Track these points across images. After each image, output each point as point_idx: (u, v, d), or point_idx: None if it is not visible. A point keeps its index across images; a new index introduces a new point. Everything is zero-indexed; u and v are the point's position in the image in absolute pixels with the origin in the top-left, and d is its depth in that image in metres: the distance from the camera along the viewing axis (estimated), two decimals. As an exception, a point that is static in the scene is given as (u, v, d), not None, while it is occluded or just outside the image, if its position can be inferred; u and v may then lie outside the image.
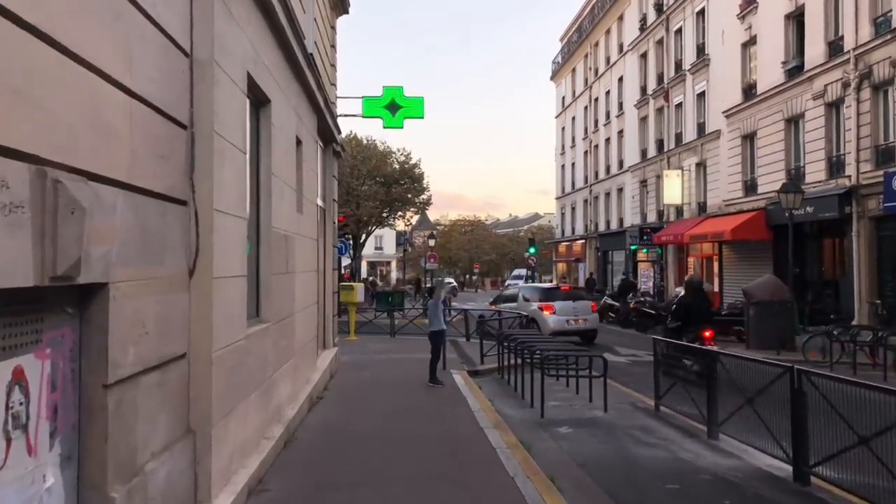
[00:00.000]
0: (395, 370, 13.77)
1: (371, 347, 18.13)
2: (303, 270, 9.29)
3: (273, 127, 7.14)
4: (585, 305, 19.37)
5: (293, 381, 8.44)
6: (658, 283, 32.43)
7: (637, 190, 35.67)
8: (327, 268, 13.40)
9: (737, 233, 22.60)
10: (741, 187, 24.95)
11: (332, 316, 14.63)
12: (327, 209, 13.45)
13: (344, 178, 38.31)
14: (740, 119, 24.83)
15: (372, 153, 41.61)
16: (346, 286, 21.13)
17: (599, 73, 42.57)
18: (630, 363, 15.40)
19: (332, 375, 12.43)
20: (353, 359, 15.44)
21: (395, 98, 15.36)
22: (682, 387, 8.90)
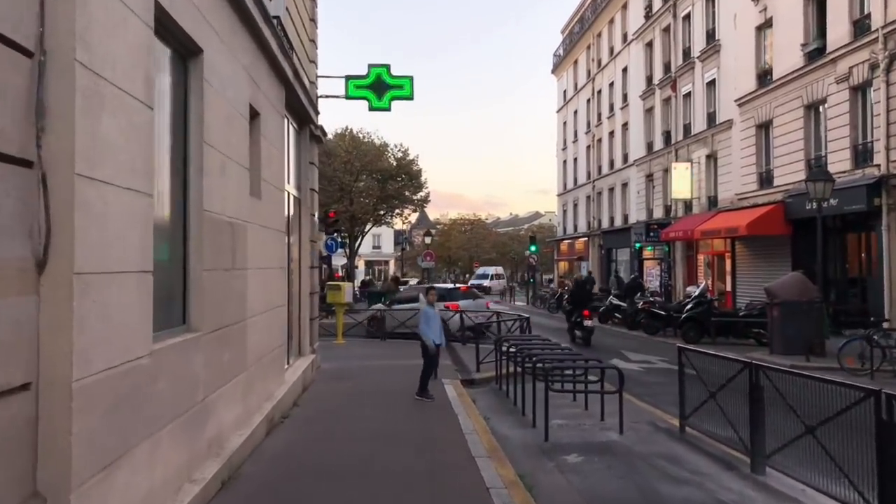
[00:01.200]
0: (381, 379, 12.28)
1: (358, 352, 16.67)
2: (262, 267, 7.80)
3: (207, 84, 5.65)
4: (482, 304, 21.27)
5: (244, 400, 6.95)
6: (665, 281, 30.92)
7: (643, 185, 34.16)
8: (303, 265, 11.92)
9: (753, 227, 21.09)
10: (756, 180, 23.44)
11: (312, 319, 13.14)
12: (304, 199, 11.96)
13: (337, 173, 36.94)
14: (754, 107, 23.33)
15: (369, 148, 40.14)
16: (333, 286, 19.69)
17: (602, 64, 41.06)
18: (643, 371, 13.90)
19: (306, 388, 10.93)
20: (337, 366, 13.97)
21: (382, 77, 13.86)
22: (715, 404, 7.40)
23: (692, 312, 18.36)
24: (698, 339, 18.17)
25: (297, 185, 11.73)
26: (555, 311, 32.73)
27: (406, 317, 18.72)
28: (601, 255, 41.17)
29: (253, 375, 7.34)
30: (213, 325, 5.83)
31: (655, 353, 16.43)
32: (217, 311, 5.95)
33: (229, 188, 6.37)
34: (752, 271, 23.60)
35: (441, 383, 11.88)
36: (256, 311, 7.49)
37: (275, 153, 8.72)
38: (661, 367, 14.27)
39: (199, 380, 5.42)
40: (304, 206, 11.93)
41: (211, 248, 5.75)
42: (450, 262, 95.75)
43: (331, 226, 26.61)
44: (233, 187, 6.50)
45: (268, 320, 8.13)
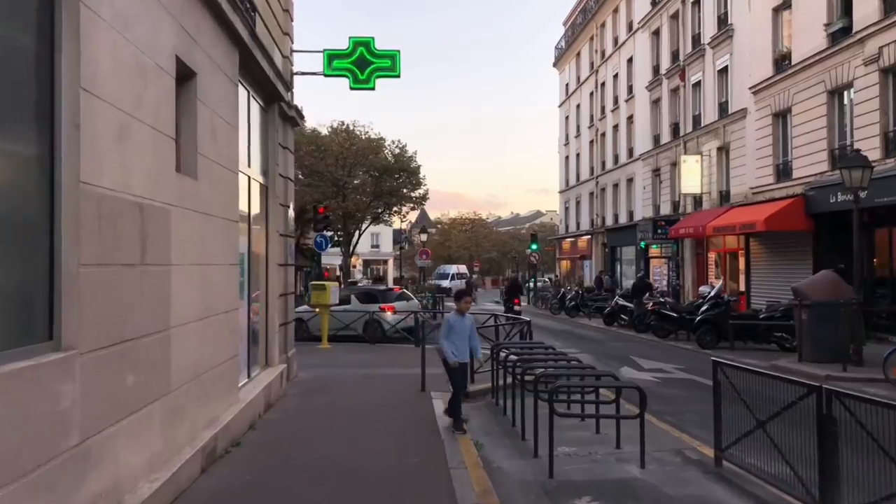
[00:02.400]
0: (363, 392, 10.78)
1: (343, 359, 15.19)
2: (198, 263, 6.30)
3: (91, 12, 4.14)
4: (415, 305, 21.18)
5: (165, 433, 5.45)
6: (674, 281, 29.41)
7: (649, 180, 32.64)
8: (271, 262, 10.41)
9: (772, 223, 19.56)
10: (772, 172, 21.92)
11: (286, 324, 11.65)
12: (272, 187, 10.45)
13: (329, 168, 35.42)
14: (771, 94, 21.80)
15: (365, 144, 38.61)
16: (318, 286, 18.18)
17: (606, 55, 39.54)
18: (658, 382, 12.35)
19: (271, 405, 9.42)
20: (316, 375, 12.50)
21: (364, 52, 12.34)
22: (765, 435, 5.88)
23: (708, 314, 16.84)
24: (715, 343, 16.66)
25: (263, 170, 10.23)
26: (557, 311, 31.23)
27: (350, 319, 18.59)
28: (605, 253, 39.66)
29: (182, 399, 5.84)
30: (105, 340, 4.33)
31: (669, 360, 14.90)
32: (113, 320, 4.45)
33: (137, 159, 4.86)
34: (769, 270, 22.09)
35: (429, 397, 10.39)
36: (188, 317, 5.99)
37: (223, 126, 7.22)
38: (679, 378, 12.74)
39: (73, 416, 3.91)
40: (272, 194, 10.42)
41: (99, 235, 4.25)
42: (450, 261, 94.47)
43: (320, 222, 25.10)
44: (144, 159, 4.99)
45: (208, 329, 6.63)
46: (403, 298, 21.04)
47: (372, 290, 21.11)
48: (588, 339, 19.99)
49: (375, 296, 20.29)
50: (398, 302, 20.18)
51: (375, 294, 20.57)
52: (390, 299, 20.16)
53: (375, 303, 19.59)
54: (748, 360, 14.48)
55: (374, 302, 19.65)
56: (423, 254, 30.35)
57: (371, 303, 19.53)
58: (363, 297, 19.05)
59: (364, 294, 19.28)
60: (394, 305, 19.50)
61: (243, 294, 8.80)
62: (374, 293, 20.62)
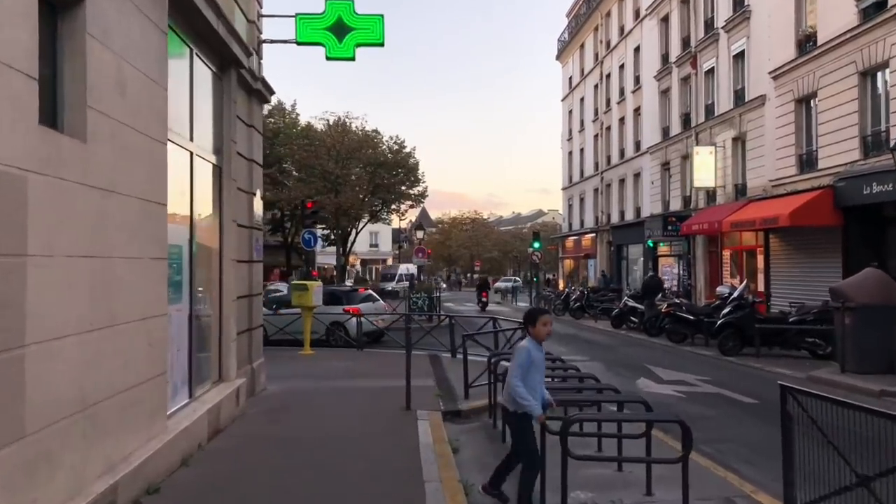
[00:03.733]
0: (335, 412, 9.14)
1: (325, 367, 13.56)
2: (87, 255, 4.67)
3: None
4: (382, 306, 20.23)
5: (14, 495, 3.81)
6: (685, 281, 27.74)
7: (658, 174, 30.97)
8: (226, 258, 8.77)
9: (797, 217, 17.88)
10: (794, 163, 20.25)
11: (250, 330, 10.03)
12: (227, 168, 8.81)
13: (320, 160, 33.76)
14: (794, 79, 20.13)
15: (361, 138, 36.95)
16: (299, 286, 16.55)
17: (612, 45, 37.87)
18: (683, 397, 10.66)
19: (219, 431, 7.76)
20: (287, 389, 10.87)
21: (343, 17, 10.70)
22: (868, 494, 4.21)
23: (731, 317, 15.18)
24: (738, 349, 15.02)
25: (216, 148, 8.59)
26: (561, 313, 29.58)
27: (284, 322, 17.20)
28: (610, 252, 37.99)
29: (51, 442, 4.20)
30: None
31: (690, 370, 13.21)
32: None
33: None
34: (791, 269, 20.41)
35: (415, 418, 8.76)
36: (65, 329, 4.35)
37: (139, 81, 5.58)
38: (706, 392, 11.04)
39: None
40: (227, 177, 8.78)
41: None
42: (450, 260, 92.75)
43: (309, 217, 23.52)
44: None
45: (107, 343, 4.98)
46: (369, 300, 19.80)
47: (336, 291, 19.71)
48: (596, 345, 18.34)
49: (339, 297, 18.79)
50: (364, 304, 18.89)
51: (339, 295, 19.06)
52: (355, 301, 18.83)
53: (339, 305, 18.19)
54: (779, 369, 12.85)
55: (337, 304, 18.22)
56: (419, 252, 28.67)
57: (335, 305, 18.09)
58: (326, 299, 17.53)
59: (327, 295, 17.81)
60: (359, 307, 18.08)
61: (181, 296, 7.16)
62: (338, 294, 19.14)
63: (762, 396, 10.19)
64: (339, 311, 17.88)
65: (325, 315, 17.59)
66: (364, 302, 19.17)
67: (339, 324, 17.64)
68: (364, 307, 18.56)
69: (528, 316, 5.56)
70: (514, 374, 5.31)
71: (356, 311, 17.77)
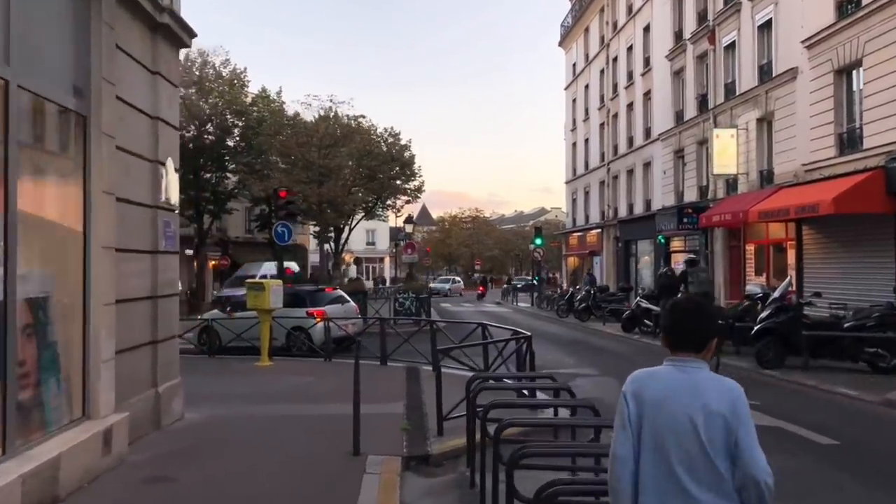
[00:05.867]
0: (256, 463, 6.57)
1: (277, 384, 11.06)
2: None
3: None
4: (352, 308, 17.95)
5: None
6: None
7: (670, 163, 28.35)
8: (94, 244, 6.21)
9: (842, 203, 15.26)
10: (833, 143, 17.64)
11: (138, 348, 7.50)
12: (94, 116, 6.23)
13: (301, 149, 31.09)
14: (832, 46, 17.52)
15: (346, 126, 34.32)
16: (254, 285, 14.05)
17: (619, 26, 35.27)
18: None
19: (59, 499, 5.20)
20: (214, 417, 8.41)
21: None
22: None
23: (771, 322, 12.56)
24: (780, 361, 12.42)
25: (75, 87, 6.03)
26: (565, 314, 27.03)
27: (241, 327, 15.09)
28: (617, 248, 35.39)
29: None
30: None
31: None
32: None
33: None
34: (829, 265, 17.80)
35: (362, 468, 6.23)
36: None
37: None
38: (759, 424, 8.40)
39: None
40: (94, 129, 6.20)
41: None
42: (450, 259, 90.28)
43: (282, 208, 20.91)
44: None
45: None
46: (338, 301, 17.41)
47: (299, 291, 17.36)
48: (607, 354, 15.77)
49: (303, 298, 16.40)
50: (331, 306, 16.57)
51: (303, 296, 16.65)
52: (321, 302, 16.49)
53: (302, 307, 15.78)
54: (841, 388, 10.23)
55: (300, 305, 15.83)
56: (408, 248, 26.10)
57: (297, 307, 15.69)
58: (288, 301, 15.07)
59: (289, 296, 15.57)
60: (324, 310, 15.80)
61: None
62: (301, 295, 16.73)
63: (841, 433, 7.65)
64: (302, 315, 15.35)
65: (287, 319, 15.10)
66: (332, 304, 16.74)
67: (301, 329, 15.14)
68: (331, 310, 16.12)
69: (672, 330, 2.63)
70: (615, 441, 2.55)
71: (321, 314, 15.28)
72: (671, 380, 2.49)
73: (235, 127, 36.45)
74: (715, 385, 2.46)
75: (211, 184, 36.74)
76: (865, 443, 7.33)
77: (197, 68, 35.08)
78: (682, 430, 2.40)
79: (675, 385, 2.47)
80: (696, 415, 2.39)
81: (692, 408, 2.40)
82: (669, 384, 2.49)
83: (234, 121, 36.21)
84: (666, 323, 2.62)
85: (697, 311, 2.58)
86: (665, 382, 2.50)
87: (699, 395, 2.42)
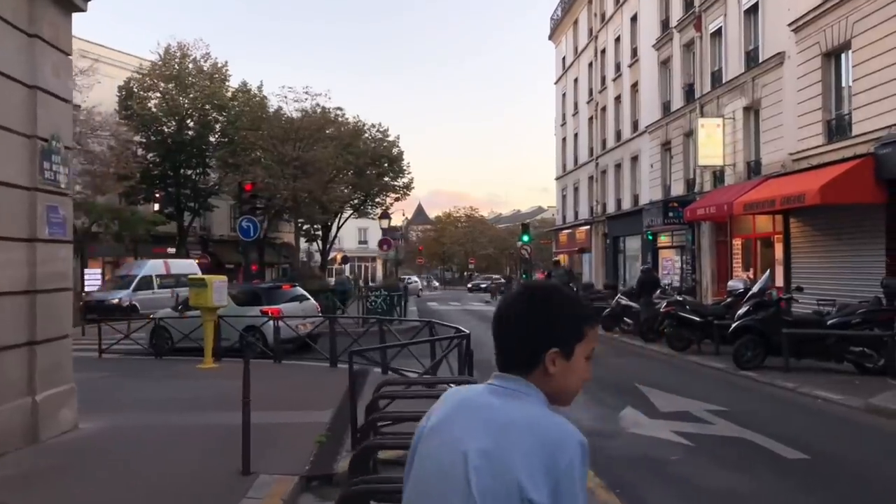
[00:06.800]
0: (132, 482, 5.68)
1: (212, 388, 10.12)
2: None
3: None
4: (312, 306, 16.69)
5: None
6: (689, 276, 24.18)
7: (657, 156, 27.42)
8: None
9: (829, 193, 14.32)
10: (821, 130, 16.70)
11: (17, 349, 6.58)
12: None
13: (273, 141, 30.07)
14: (820, 28, 16.58)
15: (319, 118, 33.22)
16: (196, 281, 13.12)
17: (607, 17, 34.34)
18: (685, 445, 6.98)
19: None
20: (111, 428, 7.54)
21: None
22: None
23: (750, 319, 11.61)
24: (760, 361, 11.49)
25: None
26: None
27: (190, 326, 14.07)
28: (605, 245, 34.48)
29: None
30: None
31: (698, 393, 9.62)
32: None
33: None
34: (818, 258, 16.87)
35: (248, 487, 5.30)
36: None
37: None
38: (723, 435, 7.27)
39: None
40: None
41: None
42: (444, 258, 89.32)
43: (247, 202, 20.03)
44: None
45: None
46: (297, 299, 16.41)
47: (255, 288, 16.52)
48: (579, 353, 14.85)
49: (259, 296, 15.50)
50: (289, 304, 15.63)
51: (259, 294, 15.75)
52: (278, 300, 15.53)
53: (258, 305, 14.84)
54: (822, 391, 9.29)
55: (256, 304, 14.90)
56: (384, 244, 25.09)
57: (253, 305, 14.80)
58: (243, 298, 14.09)
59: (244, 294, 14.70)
60: (280, 308, 14.86)
61: None
62: (257, 293, 15.85)
63: (813, 445, 6.68)
64: (256, 314, 14.42)
65: (240, 318, 14.17)
66: (290, 302, 15.79)
67: (255, 328, 14.16)
68: (289, 308, 15.19)
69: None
70: None
71: (276, 312, 14.33)
72: (462, 402, 1.51)
73: (217, 122, 35.54)
74: (532, 428, 1.40)
75: (192, 180, 35.83)
76: (839, 457, 6.38)
77: (176, 62, 34.18)
78: (448, 477, 1.44)
79: (461, 411, 1.49)
80: (476, 463, 1.41)
81: (470, 448, 1.42)
82: (454, 408, 1.51)
83: (216, 115, 35.29)
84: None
85: (527, 305, 1.50)
86: (450, 406, 1.53)
87: (492, 435, 1.41)
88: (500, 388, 1.46)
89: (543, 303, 1.48)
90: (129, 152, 27.81)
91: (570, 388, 1.50)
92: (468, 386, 1.55)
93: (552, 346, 1.45)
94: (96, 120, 26.36)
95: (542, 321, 1.46)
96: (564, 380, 1.47)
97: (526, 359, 1.46)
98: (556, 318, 1.47)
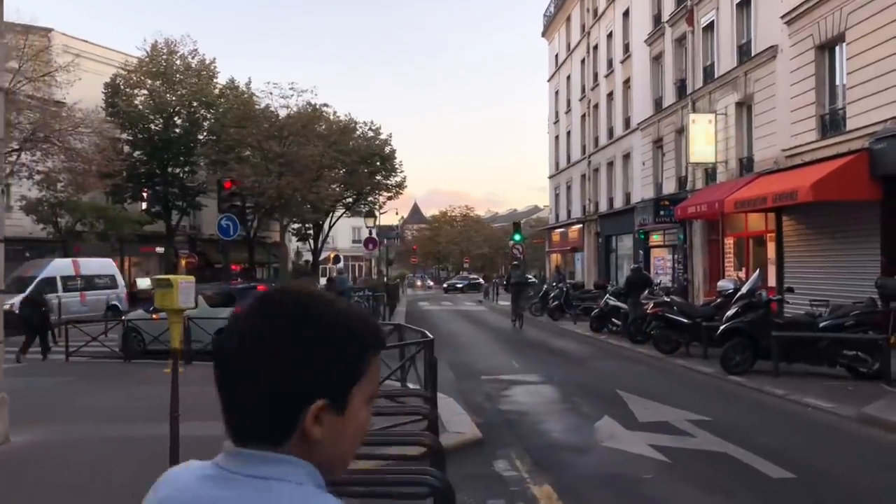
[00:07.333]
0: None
1: (158, 397, 9.57)
2: None
3: None
4: None
5: None
6: (681, 276, 23.68)
7: (649, 153, 26.91)
8: None
9: (822, 189, 13.82)
10: (815, 125, 16.20)
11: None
12: None
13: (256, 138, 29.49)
14: (814, 20, 16.08)
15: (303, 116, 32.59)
16: (161, 281, 12.52)
17: (599, 12, 33.82)
18: (661, 461, 6.41)
19: None
20: (41, 442, 7.01)
21: None
22: None
23: (738, 322, 11.08)
24: (749, 365, 10.97)
25: None
26: (539, 313, 25.59)
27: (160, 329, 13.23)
28: (598, 244, 33.97)
29: None
30: None
31: (681, 401, 9.08)
32: None
33: None
34: (811, 257, 16.38)
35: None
36: None
37: None
38: (702, 449, 6.73)
39: None
40: None
41: None
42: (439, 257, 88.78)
43: (226, 200, 19.51)
44: None
45: None
46: None
47: (229, 289, 16.02)
48: (562, 357, 14.32)
49: (233, 297, 14.90)
50: None
51: (233, 294, 15.23)
52: None
53: (231, 306, 14.25)
54: (812, 399, 8.76)
55: (230, 305, 14.33)
56: (369, 243, 24.59)
57: (227, 306, 14.21)
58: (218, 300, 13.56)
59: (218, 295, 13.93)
60: None
61: None
62: (231, 293, 15.36)
63: (801, 461, 6.14)
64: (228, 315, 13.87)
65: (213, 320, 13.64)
66: None
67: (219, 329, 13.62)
68: None
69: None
70: None
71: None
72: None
73: (205, 120, 34.93)
74: None
75: (179, 179, 35.20)
76: (827, 475, 5.84)
77: (164, 59, 33.57)
78: None
79: None
80: None
81: None
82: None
83: (204, 113, 34.69)
84: None
85: (271, 330, 0.89)
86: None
87: None
88: (237, 475, 0.89)
89: (299, 324, 0.90)
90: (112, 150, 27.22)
91: (345, 453, 0.94)
92: (191, 466, 0.99)
93: (315, 397, 0.89)
94: (78, 116, 25.78)
95: (297, 356, 0.88)
96: (335, 445, 0.91)
97: (272, 422, 0.89)
98: (320, 349, 0.89)
